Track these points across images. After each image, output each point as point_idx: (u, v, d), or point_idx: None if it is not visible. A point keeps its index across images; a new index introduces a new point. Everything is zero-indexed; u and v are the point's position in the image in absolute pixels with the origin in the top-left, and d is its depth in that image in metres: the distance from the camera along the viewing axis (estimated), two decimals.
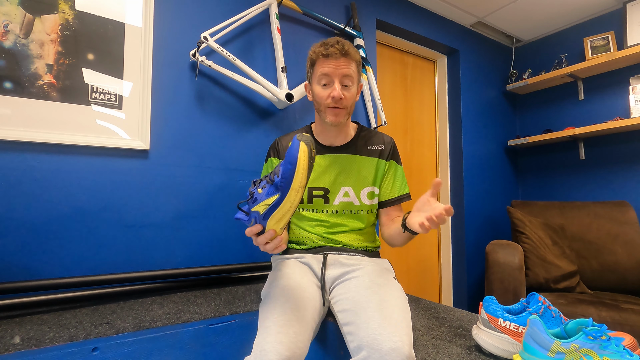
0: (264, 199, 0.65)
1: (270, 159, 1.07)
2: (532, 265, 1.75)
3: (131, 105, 1.21)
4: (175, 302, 1.05)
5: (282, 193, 0.64)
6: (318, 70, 0.95)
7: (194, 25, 1.36)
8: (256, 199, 0.66)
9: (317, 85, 0.96)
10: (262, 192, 0.66)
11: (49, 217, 1.07)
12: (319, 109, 0.99)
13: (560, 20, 2.32)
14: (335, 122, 0.97)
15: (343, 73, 0.93)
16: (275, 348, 0.65)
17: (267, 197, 0.65)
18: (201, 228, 1.32)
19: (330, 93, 0.94)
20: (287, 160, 0.63)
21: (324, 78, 0.94)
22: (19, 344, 0.74)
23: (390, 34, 2.12)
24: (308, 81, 1.03)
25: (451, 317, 1.00)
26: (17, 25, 1.06)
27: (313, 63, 0.97)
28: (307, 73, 1.03)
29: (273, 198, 0.64)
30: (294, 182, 0.63)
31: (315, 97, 0.98)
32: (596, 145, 2.24)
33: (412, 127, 2.28)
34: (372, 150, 1.05)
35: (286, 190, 0.63)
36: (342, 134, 1.04)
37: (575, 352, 0.60)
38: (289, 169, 0.62)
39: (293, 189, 0.63)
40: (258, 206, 0.66)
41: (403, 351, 0.63)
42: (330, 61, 0.92)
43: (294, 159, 0.62)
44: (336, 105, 0.94)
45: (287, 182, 0.63)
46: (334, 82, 0.94)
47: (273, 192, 0.65)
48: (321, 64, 0.94)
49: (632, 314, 1.41)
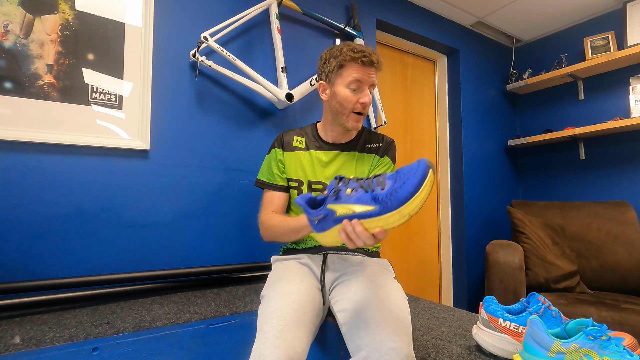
0: (351, 202, 0.59)
1: (274, 149, 1.08)
2: (532, 265, 1.75)
3: (131, 105, 1.21)
4: (175, 302, 1.05)
5: (382, 209, 0.56)
6: (351, 74, 0.94)
7: (194, 25, 1.36)
8: (339, 197, 0.60)
9: (345, 89, 0.95)
10: (350, 194, 0.59)
11: (49, 217, 1.07)
12: (341, 111, 0.97)
13: (560, 20, 2.32)
14: (356, 128, 1.00)
15: (372, 82, 0.96)
16: (273, 353, 0.65)
17: (357, 202, 0.58)
18: (201, 228, 1.32)
19: (359, 99, 0.95)
20: (407, 180, 0.56)
21: (354, 83, 0.94)
22: (19, 344, 0.74)
23: (390, 34, 2.12)
24: (327, 81, 1.00)
25: (451, 317, 1.00)
26: (17, 25, 1.06)
27: (342, 65, 0.95)
28: (326, 73, 0.99)
29: (365, 208, 0.57)
30: (406, 207, 0.55)
31: (341, 99, 0.96)
32: (596, 145, 2.24)
33: (412, 127, 2.28)
34: (371, 147, 1.06)
35: (391, 209, 0.56)
36: (347, 133, 1.06)
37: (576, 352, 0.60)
38: (409, 192, 0.55)
39: (400, 212, 0.56)
40: (338, 206, 0.59)
41: (403, 351, 0.63)
42: (365, 69, 0.93)
43: (419, 184, 0.55)
44: (362, 112, 0.97)
45: (397, 203, 0.55)
46: (363, 89, 0.95)
47: (368, 201, 0.58)
48: (355, 69, 0.93)
49: (632, 314, 1.41)
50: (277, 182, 1.05)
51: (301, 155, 1.05)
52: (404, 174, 0.57)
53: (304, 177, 1.03)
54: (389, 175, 0.59)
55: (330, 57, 0.98)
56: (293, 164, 1.05)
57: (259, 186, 1.09)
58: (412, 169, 0.57)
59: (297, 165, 1.04)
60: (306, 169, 1.04)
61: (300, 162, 1.04)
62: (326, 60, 0.99)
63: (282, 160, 1.06)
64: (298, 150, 1.06)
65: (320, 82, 1.03)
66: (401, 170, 0.59)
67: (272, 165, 1.06)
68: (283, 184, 1.05)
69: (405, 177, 0.56)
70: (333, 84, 0.98)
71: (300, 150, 1.06)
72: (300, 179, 1.04)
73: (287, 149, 1.06)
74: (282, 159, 1.06)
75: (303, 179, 1.03)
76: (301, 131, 1.10)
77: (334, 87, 0.98)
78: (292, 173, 1.05)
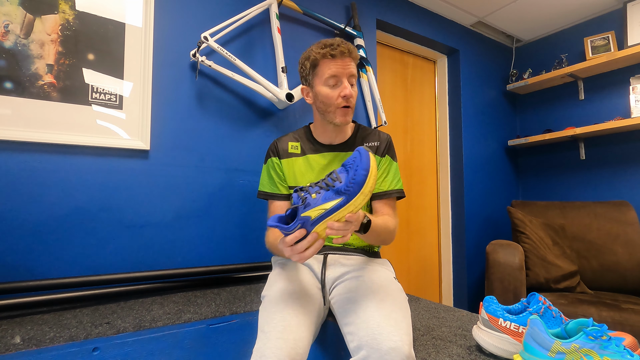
0: (320, 203, 0.67)
1: (270, 159, 1.07)
2: (533, 265, 1.75)
3: (131, 105, 1.21)
4: (175, 302, 1.05)
5: (347, 197, 0.67)
6: (325, 71, 0.93)
7: (194, 26, 1.36)
8: (309, 204, 0.68)
9: (324, 87, 0.94)
10: (316, 198, 0.68)
11: (50, 217, 1.07)
12: (327, 110, 0.97)
13: (561, 20, 2.32)
14: (345, 122, 0.97)
15: (350, 72, 0.94)
16: (275, 354, 0.65)
17: (325, 201, 0.67)
18: (201, 228, 1.32)
19: (340, 92, 0.93)
20: (356, 166, 0.67)
21: (331, 79, 0.93)
22: (19, 344, 0.74)
23: (390, 34, 2.12)
24: (307, 84, 1.01)
25: (451, 317, 1.00)
26: (18, 26, 1.06)
27: (315, 65, 0.94)
28: (304, 76, 1.00)
29: (333, 202, 0.67)
30: (365, 187, 0.67)
31: (323, 98, 0.96)
32: (596, 145, 2.24)
33: (412, 127, 2.28)
34: (369, 147, 1.05)
35: (354, 194, 0.66)
36: (341, 133, 1.04)
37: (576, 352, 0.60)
38: (363, 175, 0.66)
39: (362, 193, 0.67)
40: (311, 211, 0.67)
41: (403, 351, 0.63)
42: (337, 61, 0.92)
43: (367, 165, 0.67)
44: (347, 104, 0.95)
45: (357, 187, 0.66)
46: (342, 82, 0.93)
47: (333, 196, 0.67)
48: (328, 65, 0.92)
49: (632, 314, 1.41)
50: (280, 192, 1.04)
51: (298, 161, 1.04)
52: (352, 164, 0.68)
53: (304, 183, 1.02)
54: (339, 170, 0.71)
55: (304, 60, 0.98)
56: (291, 171, 1.04)
57: (262, 198, 1.07)
58: (356, 157, 0.69)
59: (295, 172, 1.03)
60: (305, 175, 1.03)
61: (298, 168, 1.03)
62: (302, 64, 0.99)
63: (281, 169, 1.04)
64: (294, 157, 1.04)
65: (303, 87, 1.03)
66: (346, 163, 0.70)
67: (272, 175, 1.05)
68: (286, 192, 1.04)
69: (355, 165, 0.67)
70: (313, 85, 0.98)
71: (296, 157, 1.04)
72: (300, 186, 1.03)
73: (283, 156, 1.05)
74: (281, 167, 1.05)
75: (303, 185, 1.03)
76: (295, 135, 1.09)
77: (314, 88, 0.98)
78: (291, 180, 1.04)
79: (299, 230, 0.68)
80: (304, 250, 0.69)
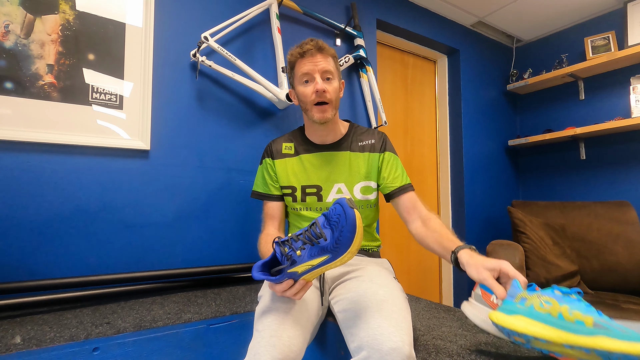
0: (306, 260, 0.67)
1: (264, 160, 1.09)
2: (533, 265, 1.75)
3: (132, 105, 1.21)
4: (175, 302, 1.05)
5: (334, 255, 0.67)
6: (298, 71, 0.96)
7: (195, 26, 1.36)
8: (295, 262, 0.68)
9: (300, 86, 0.98)
10: (302, 255, 0.68)
11: (50, 217, 1.07)
12: (305, 108, 0.99)
13: (561, 20, 2.32)
14: (323, 119, 0.97)
15: (322, 68, 0.95)
16: (268, 352, 0.65)
17: (311, 258, 0.67)
18: (201, 228, 1.32)
19: (313, 88, 0.95)
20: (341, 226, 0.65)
21: (304, 76, 0.95)
22: (19, 344, 0.74)
23: (390, 34, 2.12)
24: (292, 87, 1.04)
25: (451, 317, 1.00)
26: (18, 26, 1.06)
27: (292, 66, 0.98)
28: (289, 80, 1.04)
29: (320, 259, 0.67)
30: (353, 246, 0.66)
31: (300, 97, 0.99)
32: (597, 145, 2.24)
33: (412, 127, 2.28)
34: (364, 145, 1.05)
35: (341, 253, 0.66)
36: (332, 132, 1.05)
37: (537, 298, 0.62)
38: (346, 237, 0.65)
39: (350, 252, 0.66)
40: (297, 267, 0.68)
41: (403, 351, 0.63)
42: (307, 59, 0.94)
43: (353, 227, 0.65)
44: (321, 100, 0.95)
45: (344, 247, 0.66)
46: (314, 78, 0.95)
47: (318, 253, 0.67)
48: (300, 64, 0.96)
49: (632, 314, 1.41)
50: (272, 192, 1.06)
51: (291, 161, 1.05)
52: (337, 222, 0.66)
53: (297, 183, 1.03)
54: (322, 223, 0.69)
55: (287, 63, 1.01)
56: (284, 172, 1.05)
57: (255, 197, 1.10)
58: (340, 214, 0.66)
59: (288, 172, 1.05)
60: (298, 175, 1.04)
61: (291, 168, 1.05)
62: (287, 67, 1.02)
63: (273, 169, 1.06)
64: (287, 157, 1.06)
65: (290, 91, 1.06)
66: (330, 217, 0.68)
67: (265, 176, 1.07)
68: (277, 193, 1.06)
69: (340, 225, 0.65)
70: (295, 86, 1.01)
71: (289, 157, 1.06)
72: (293, 185, 1.04)
73: (277, 157, 1.07)
74: (274, 168, 1.06)
75: (296, 185, 1.03)
76: (290, 136, 1.10)
77: (295, 89, 1.01)
78: (284, 180, 1.05)
79: (286, 282, 0.70)
80: (294, 295, 0.71)
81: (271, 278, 0.70)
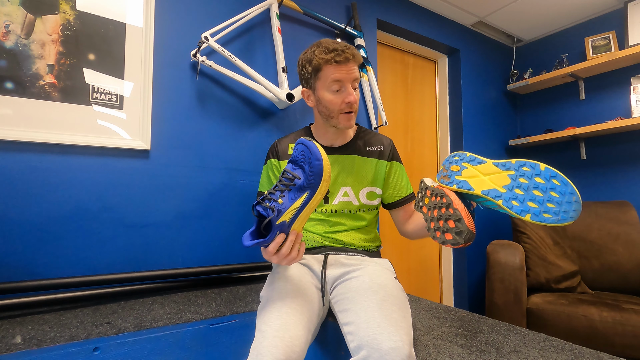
0: (290, 205, 0.70)
1: (269, 160, 1.07)
2: (533, 265, 1.75)
3: (132, 105, 1.21)
4: (176, 302, 1.05)
5: (312, 189, 0.70)
6: (329, 76, 0.92)
7: (195, 26, 1.36)
8: (280, 211, 0.69)
9: (327, 92, 0.94)
10: (283, 202, 0.70)
11: (50, 217, 1.08)
12: (329, 115, 0.97)
13: (561, 20, 2.31)
14: (349, 126, 0.98)
15: (354, 77, 0.94)
16: (271, 352, 0.65)
17: (293, 201, 0.70)
18: (202, 228, 1.32)
19: (344, 99, 0.93)
20: (307, 159, 0.70)
21: (335, 84, 0.92)
22: (20, 344, 0.74)
23: (391, 34, 2.12)
24: (308, 87, 1.00)
25: (452, 317, 1.00)
26: (19, 26, 1.06)
27: (318, 69, 0.93)
28: (305, 79, 0.99)
29: (301, 199, 0.70)
30: (325, 173, 0.70)
31: (326, 103, 0.95)
32: (597, 145, 2.24)
33: (412, 127, 2.28)
34: (372, 151, 1.05)
35: (317, 184, 0.70)
36: (342, 135, 1.05)
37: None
38: (317, 164, 0.70)
39: (324, 180, 0.70)
40: (284, 215, 0.69)
41: (403, 351, 0.63)
42: (342, 67, 0.91)
43: (318, 154, 0.70)
44: (350, 110, 0.95)
45: (318, 177, 0.70)
46: (346, 88, 0.93)
47: (297, 194, 0.71)
48: (332, 70, 0.91)
49: (633, 314, 1.41)
50: None
51: None
52: (303, 157, 0.72)
53: None
54: (290, 167, 0.74)
55: (305, 62, 0.96)
56: None
57: None
58: (303, 151, 0.72)
59: None
60: None
61: None
62: (303, 66, 0.97)
63: (279, 170, 1.05)
64: None
65: (303, 90, 1.02)
66: (296, 159, 0.74)
67: (270, 176, 1.06)
68: None
69: (307, 158, 0.71)
70: (315, 89, 0.97)
71: None
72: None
73: (283, 157, 1.05)
74: (279, 168, 1.05)
75: None
76: (295, 136, 1.09)
77: (316, 92, 0.97)
78: None
79: (278, 236, 0.71)
80: (289, 253, 0.72)
81: (262, 240, 0.70)
